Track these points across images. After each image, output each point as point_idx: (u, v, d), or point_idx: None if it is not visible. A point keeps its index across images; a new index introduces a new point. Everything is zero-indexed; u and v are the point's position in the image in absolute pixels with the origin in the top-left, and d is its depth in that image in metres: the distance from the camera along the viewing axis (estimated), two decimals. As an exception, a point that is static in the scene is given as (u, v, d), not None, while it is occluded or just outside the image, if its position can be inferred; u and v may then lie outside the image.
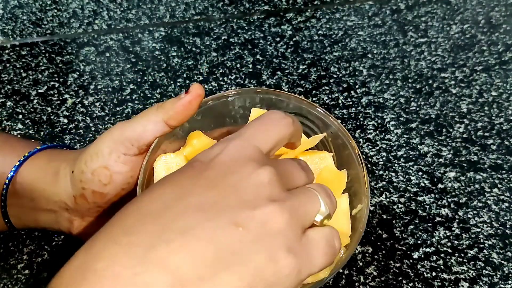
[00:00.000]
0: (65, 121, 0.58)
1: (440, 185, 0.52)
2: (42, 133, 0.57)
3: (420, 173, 0.53)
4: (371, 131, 0.57)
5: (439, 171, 0.54)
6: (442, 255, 0.47)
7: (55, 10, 0.71)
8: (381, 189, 0.52)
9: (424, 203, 0.51)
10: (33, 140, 0.56)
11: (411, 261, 0.47)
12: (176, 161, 0.38)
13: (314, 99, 0.60)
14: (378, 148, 0.55)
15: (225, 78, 0.63)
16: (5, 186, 0.41)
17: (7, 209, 0.42)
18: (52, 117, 0.58)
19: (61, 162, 0.42)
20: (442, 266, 0.47)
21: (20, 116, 0.58)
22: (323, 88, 0.62)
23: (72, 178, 0.40)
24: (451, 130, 0.57)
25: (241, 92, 0.42)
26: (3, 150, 0.42)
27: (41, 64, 0.64)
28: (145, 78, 0.63)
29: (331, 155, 0.39)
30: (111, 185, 0.38)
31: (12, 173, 0.41)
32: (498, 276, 0.46)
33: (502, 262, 0.47)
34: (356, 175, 0.37)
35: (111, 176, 0.38)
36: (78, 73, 0.63)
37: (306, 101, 0.40)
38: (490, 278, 0.46)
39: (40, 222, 0.43)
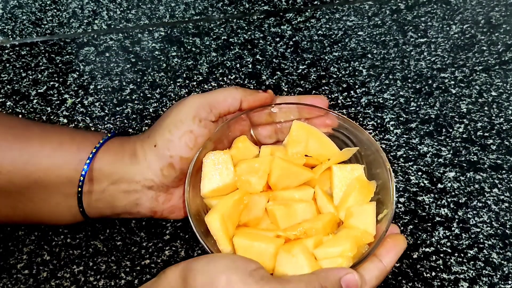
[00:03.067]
0: (65, 121, 0.58)
1: (439, 185, 0.52)
2: (41, 133, 0.57)
3: (419, 173, 0.53)
4: (371, 131, 0.57)
5: (438, 171, 0.54)
6: (442, 255, 0.47)
7: (55, 10, 0.71)
8: (381, 189, 0.52)
9: (424, 203, 0.51)
10: (94, 131, 0.57)
11: (410, 261, 0.47)
12: (223, 158, 0.42)
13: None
14: (378, 148, 0.55)
15: (225, 78, 0.63)
16: (83, 172, 0.43)
17: (83, 196, 0.44)
18: (52, 117, 0.58)
19: (134, 144, 0.45)
20: (442, 266, 0.47)
21: (20, 116, 0.58)
22: (323, 88, 0.62)
23: (156, 151, 0.43)
24: (451, 130, 0.57)
25: (285, 107, 0.46)
26: (75, 140, 0.44)
27: (40, 64, 0.64)
28: (145, 78, 0.63)
29: (362, 166, 0.43)
30: (195, 148, 0.43)
31: (89, 160, 0.43)
32: (498, 276, 0.46)
33: (502, 262, 0.47)
34: (384, 185, 0.42)
35: (196, 139, 0.42)
36: (77, 73, 0.63)
37: (345, 118, 0.45)
38: (490, 278, 0.46)
39: (117, 208, 0.45)
